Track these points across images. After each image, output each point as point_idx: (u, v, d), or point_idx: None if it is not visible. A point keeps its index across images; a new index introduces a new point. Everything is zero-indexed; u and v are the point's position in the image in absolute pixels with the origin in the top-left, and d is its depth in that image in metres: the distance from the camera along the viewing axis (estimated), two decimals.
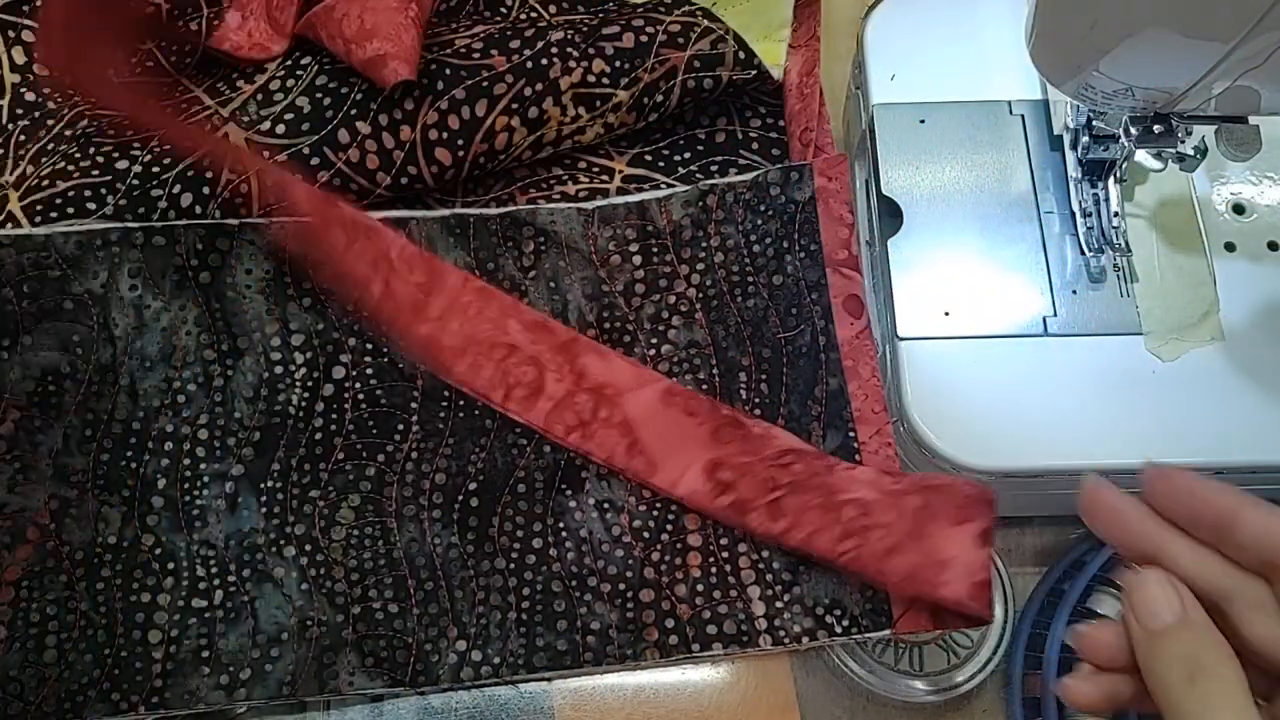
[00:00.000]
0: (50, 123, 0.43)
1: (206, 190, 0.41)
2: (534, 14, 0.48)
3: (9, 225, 0.41)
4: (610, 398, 0.40)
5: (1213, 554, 0.27)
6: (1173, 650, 0.26)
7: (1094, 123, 0.41)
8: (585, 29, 0.44)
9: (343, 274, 0.41)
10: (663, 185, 0.45)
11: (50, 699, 0.37)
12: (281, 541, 0.39)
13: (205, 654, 0.37)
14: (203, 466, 0.39)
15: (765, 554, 0.38)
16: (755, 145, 0.46)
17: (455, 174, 0.43)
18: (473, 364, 0.40)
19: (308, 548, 0.39)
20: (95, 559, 0.38)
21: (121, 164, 0.42)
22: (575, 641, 0.38)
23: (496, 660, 0.37)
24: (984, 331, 0.41)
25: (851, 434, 0.38)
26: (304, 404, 0.40)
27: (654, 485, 0.39)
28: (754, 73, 0.44)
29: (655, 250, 0.42)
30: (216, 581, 0.38)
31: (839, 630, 0.37)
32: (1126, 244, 0.42)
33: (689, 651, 0.38)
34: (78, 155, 0.42)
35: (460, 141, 0.42)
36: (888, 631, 0.37)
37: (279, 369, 0.40)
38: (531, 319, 0.41)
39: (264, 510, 0.39)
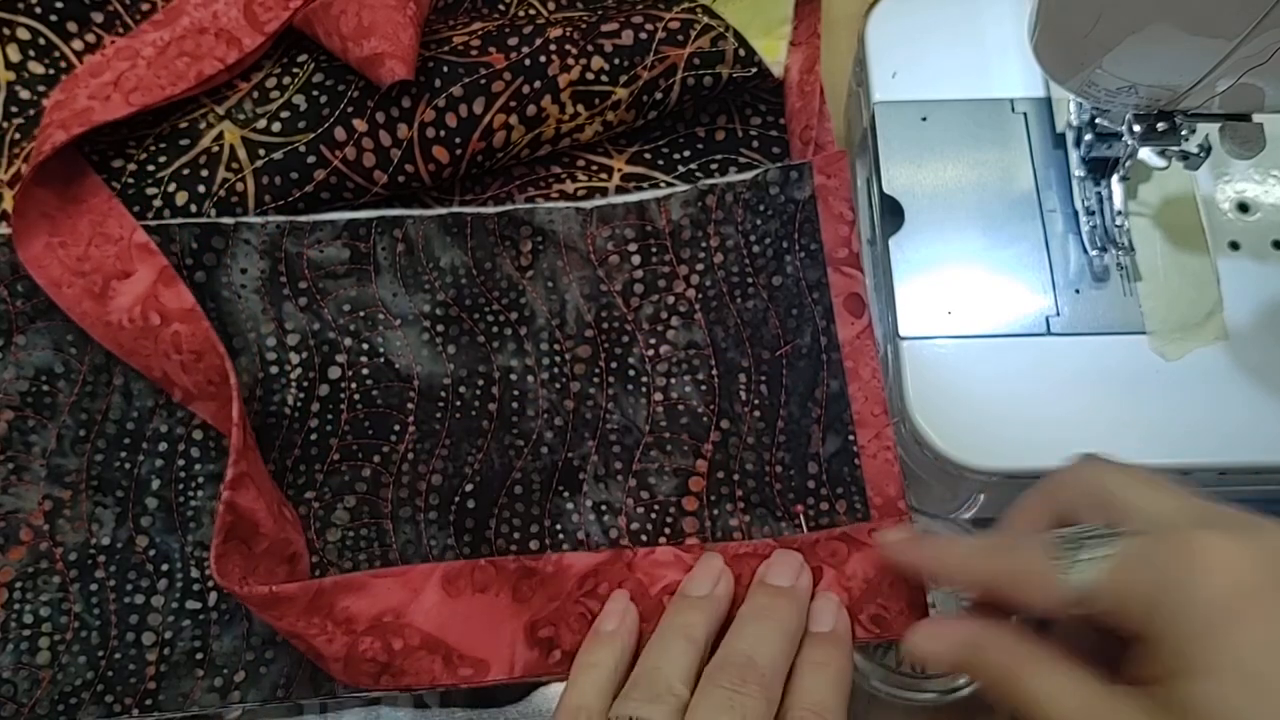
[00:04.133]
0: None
1: (202, 189, 0.41)
2: (532, 11, 0.48)
3: (3, 224, 0.41)
4: (394, 624, 0.35)
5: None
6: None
7: (1097, 120, 0.41)
8: (584, 26, 0.43)
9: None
10: (662, 184, 0.45)
11: (43, 701, 0.36)
12: None
13: (199, 656, 0.37)
14: (197, 467, 0.39)
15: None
16: (755, 143, 0.46)
17: (453, 172, 0.42)
18: None
19: None
20: (89, 560, 0.38)
21: (117, 162, 0.41)
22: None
23: None
24: (986, 331, 0.41)
25: (851, 438, 0.38)
26: (299, 404, 0.40)
27: (491, 680, 0.35)
28: (754, 70, 0.44)
29: (654, 250, 0.42)
30: (210, 583, 0.38)
31: None
32: (1130, 243, 0.41)
33: None
34: None
35: (458, 139, 0.42)
36: None
37: (274, 369, 0.40)
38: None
39: None
